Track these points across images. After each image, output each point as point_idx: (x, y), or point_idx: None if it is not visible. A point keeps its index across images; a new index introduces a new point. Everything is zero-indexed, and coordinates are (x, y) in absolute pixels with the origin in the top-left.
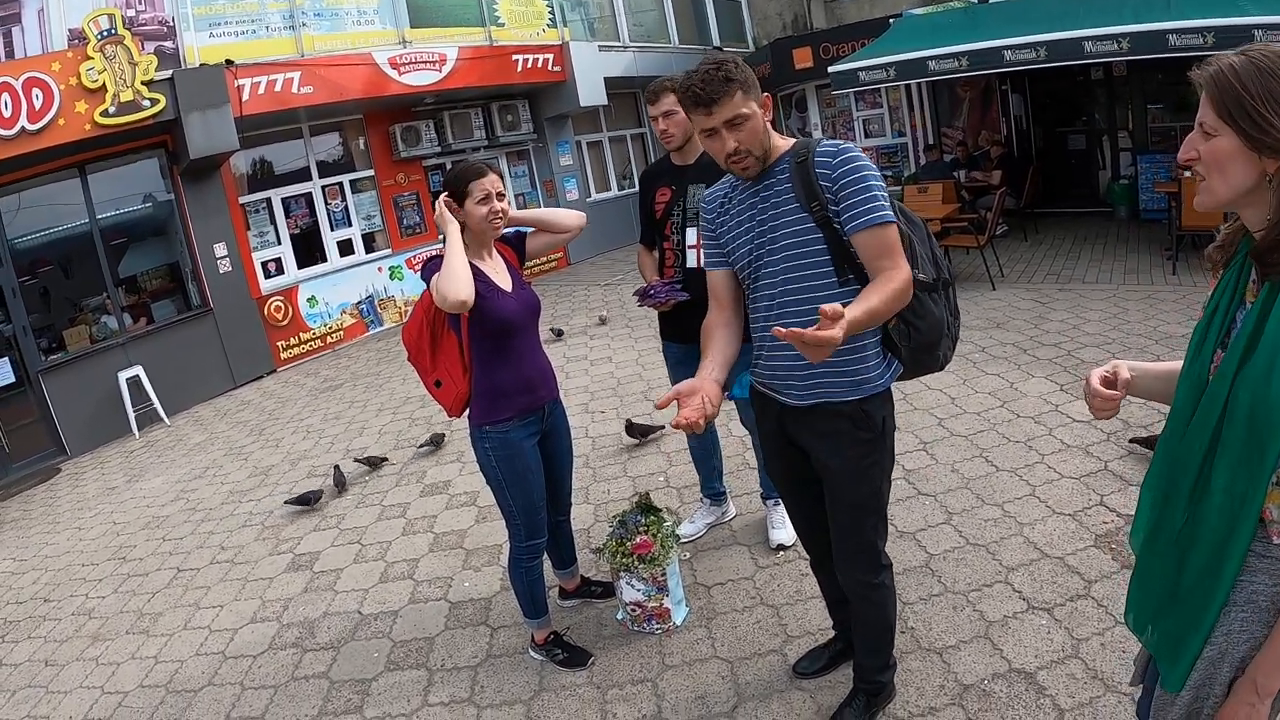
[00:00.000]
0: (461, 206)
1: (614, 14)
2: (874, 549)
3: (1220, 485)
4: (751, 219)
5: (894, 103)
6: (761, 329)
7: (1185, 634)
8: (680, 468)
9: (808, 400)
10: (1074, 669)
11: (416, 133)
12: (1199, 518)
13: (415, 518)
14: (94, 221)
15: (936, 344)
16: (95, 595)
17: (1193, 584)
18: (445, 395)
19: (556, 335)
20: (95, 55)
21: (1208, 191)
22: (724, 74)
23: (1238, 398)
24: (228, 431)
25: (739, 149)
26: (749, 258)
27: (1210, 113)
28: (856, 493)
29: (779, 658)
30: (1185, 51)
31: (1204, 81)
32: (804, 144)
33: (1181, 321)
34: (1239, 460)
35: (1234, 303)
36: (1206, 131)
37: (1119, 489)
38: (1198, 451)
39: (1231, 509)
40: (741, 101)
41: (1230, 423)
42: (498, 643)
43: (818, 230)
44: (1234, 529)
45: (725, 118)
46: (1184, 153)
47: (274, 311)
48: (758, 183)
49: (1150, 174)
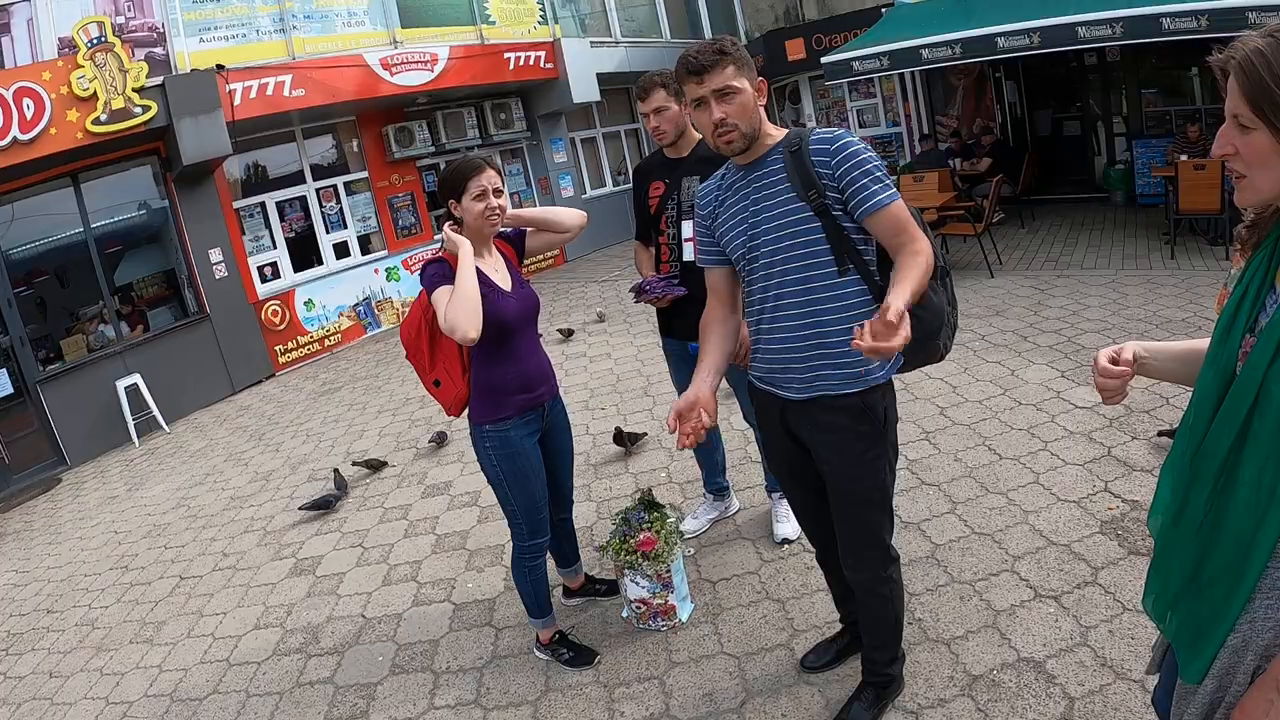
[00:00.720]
0: (459, 203)
1: (605, 9)
2: (881, 543)
3: (1248, 478)
4: (745, 209)
5: (888, 92)
6: (757, 321)
7: (1208, 626)
8: (682, 463)
9: (807, 393)
10: (1083, 657)
11: (410, 133)
12: (1224, 508)
13: (417, 519)
14: (88, 230)
15: (937, 333)
16: (98, 605)
17: (1216, 575)
18: (444, 395)
19: (565, 335)
20: (86, 63)
21: (1250, 189)
22: (718, 47)
23: (1270, 391)
24: (227, 437)
25: (725, 119)
26: (743, 249)
27: (1243, 105)
28: (860, 487)
29: (786, 652)
30: (1179, 35)
31: (1231, 69)
32: (796, 133)
33: (1182, 305)
34: (1269, 453)
35: (1264, 288)
36: (1242, 124)
37: (1123, 474)
38: (1224, 442)
39: (1259, 502)
40: (733, 75)
41: (1261, 415)
42: (503, 643)
43: (815, 219)
44: (1261, 522)
45: (714, 86)
46: (1219, 147)
47: (271, 316)
48: (750, 172)
49: (1146, 159)
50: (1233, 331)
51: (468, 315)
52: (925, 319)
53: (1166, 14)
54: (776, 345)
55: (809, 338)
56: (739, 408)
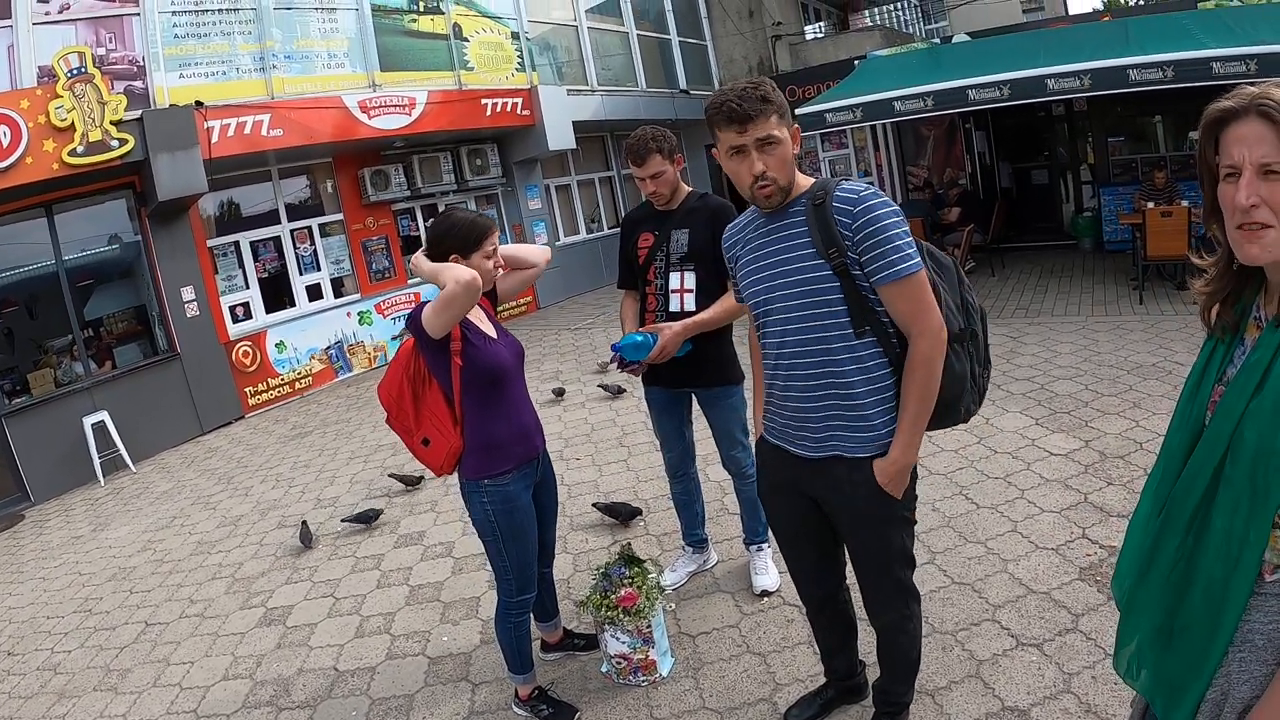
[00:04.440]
0: (466, 257)
1: (582, 58)
2: (904, 585)
3: (1220, 525)
4: (764, 259)
5: (859, 143)
6: (771, 373)
7: (1185, 679)
8: (658, 514)
9: (820, 452)
10: (1067, 704)
11: (386, 176)
12: (1196, 558)
13: (390, 570)
14: (60, 262)
15: (959, 399)
16: (61, 649)
17: (1188, 625)
18: (435, 453)
19: (557, 395)
20: (64, 93)
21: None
22: (761, 93)
23: (1243, 436)
24: (195, 480)
25: (766, 173)
26: (760, 300)
27: (1276, 151)
28: (882, 545)
29: (769, 706)
30: (1145, 86)
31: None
32: (822, 185)
33: (1152, 350)
34: (1240, 500)
35: (1233, 342)
36: (1272, 172)
37: (1100, 521)
38: (1197, 489)
39: (1229, 551)
40: (776, 124)
41: (1234, 461)
42: (479, 699)
43: (835, 279)
44: (1234, 571)
45: (758, 135)
46: (1247, 198)
47: (242, 357)
48: (772, 221)
49: (1113, 206)
50: (1203, 384)
51: (456, 269)
52: (945, 385)
53: (1133, 65)
54: (791, 402)
55: (824, 397)
56: (718, 458)
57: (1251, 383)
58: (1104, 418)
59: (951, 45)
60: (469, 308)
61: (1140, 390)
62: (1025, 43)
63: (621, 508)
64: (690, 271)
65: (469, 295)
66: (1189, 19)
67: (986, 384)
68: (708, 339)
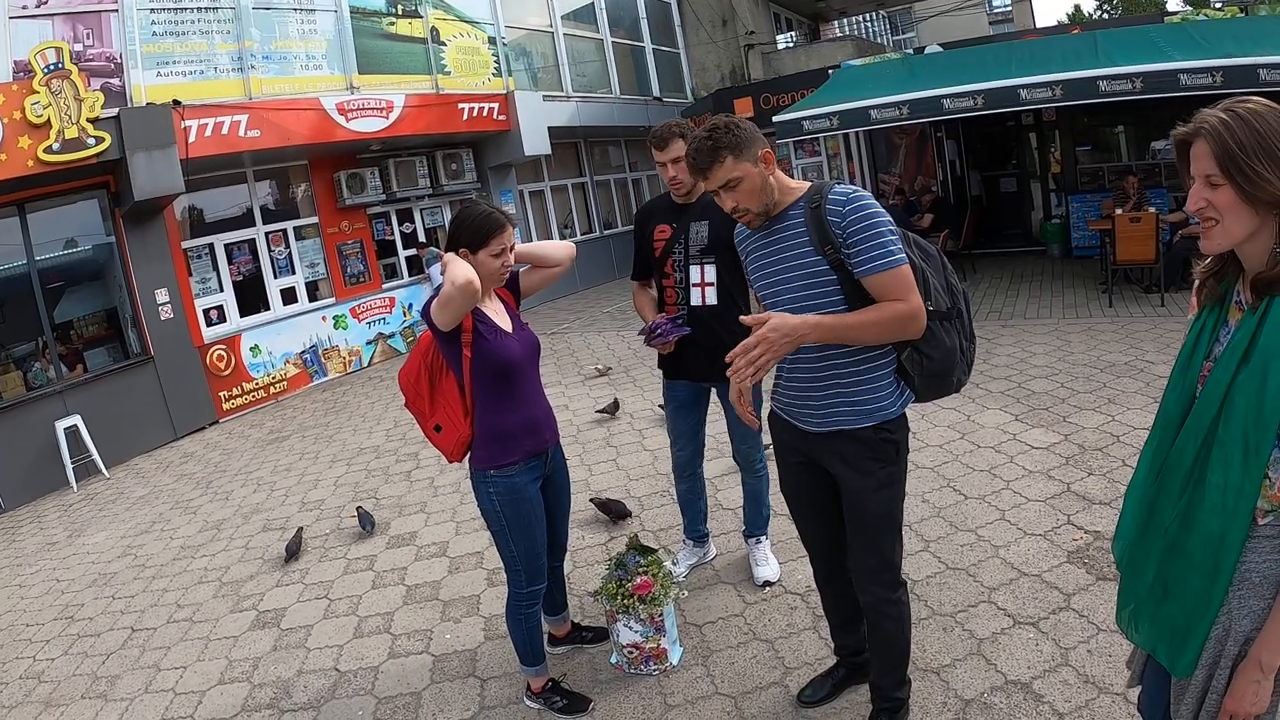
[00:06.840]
0: (473, 253)
1: (558, 64)
2: (891, 564)
3: (1216, 480)
4: (768, 259)
5: (832, 151)
6: None
7: (1190, 622)
8: (652, 511)
9: (824, 427)
10: (1066, 676)
11: (362, 180)
12: (1192, 512)
13: (384, 570)
14: (32, 263)
15: (950, 371)
16: (44, 657)
17: (1187, 576)
18: (445, 440)
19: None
20: (41, 89)
21: (1223, 234)
22: (712, 143)
23: (1234, 403)
24: (172, 484)
25: (737, 207)
26: (768, 290)
27: (1213, 165)
28: (876, 510)
29: (781, 689)
30: (1114, 96)
31: (1202, 136)
32: (818, 188)
33: (1123, 350)
34: (1233, 457)
35: (1218, 323)
36: (1212, 183)
37: (1084, 508)
38: (1190, 451)
39: (1226, 502)
40: (732, 166)
41: (1227, 424)
42: (490, 694)
43: (832, 273)
44: (1230, 522)
45: (719, 183)
46: (1193, 204)
47: (216, 360)
48: (774, 224)
49: (1081, 213)
50: (1193, 361)
51: (460, 267)
52: (936, 358)
53: (1104, 76)
54: (796, 383)
55: (825, 379)
56: (713, 454)
57: (1235, 358)
58: (1081, 413)
59: (925, 55)
60: (467, 308)
61: (1115, 387)
62: (998, 54)
63: (615, 506)
64: (710, 265)
65: (464, 296)
66: (1156, 32)
67: (973, 357)
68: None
